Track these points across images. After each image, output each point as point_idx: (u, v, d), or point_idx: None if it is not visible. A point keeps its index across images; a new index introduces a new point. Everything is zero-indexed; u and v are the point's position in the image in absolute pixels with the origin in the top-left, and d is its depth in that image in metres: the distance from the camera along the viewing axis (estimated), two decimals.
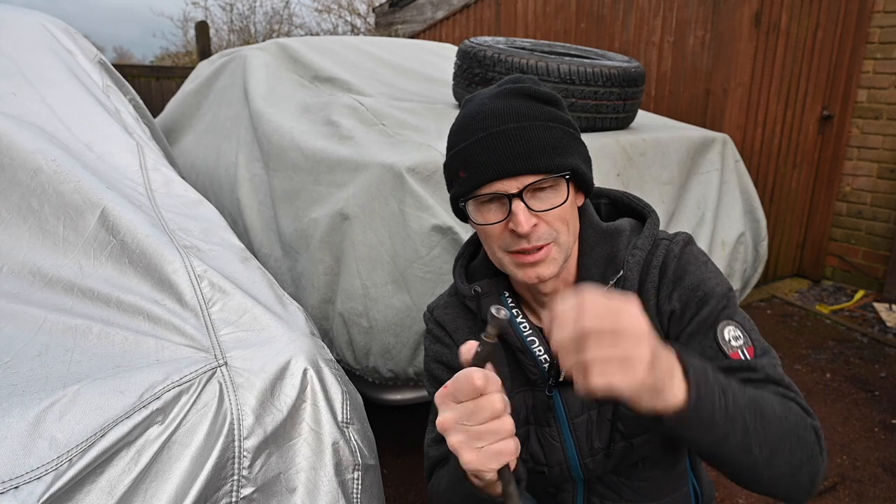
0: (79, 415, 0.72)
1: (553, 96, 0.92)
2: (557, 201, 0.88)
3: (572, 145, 0.90)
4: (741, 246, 2.17)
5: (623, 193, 1.09)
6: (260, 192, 2.05)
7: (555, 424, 1.02)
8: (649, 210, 1.03)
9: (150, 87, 5.48)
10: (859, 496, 2.05)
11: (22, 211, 1.09)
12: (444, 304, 1.08)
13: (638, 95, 2.04)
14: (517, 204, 0.86)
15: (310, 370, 0.90)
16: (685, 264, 0.94)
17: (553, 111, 0.90)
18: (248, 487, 0.83)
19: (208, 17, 12.65)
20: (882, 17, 3.62)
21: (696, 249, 0.98)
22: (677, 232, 1.01)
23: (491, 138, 0.86)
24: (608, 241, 0.98)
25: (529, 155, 0.85)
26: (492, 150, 0.86)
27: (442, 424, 0.67)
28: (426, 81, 2.63)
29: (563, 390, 1.00)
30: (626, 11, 3.89)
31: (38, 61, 1.47)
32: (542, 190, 0.88)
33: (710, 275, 0.94)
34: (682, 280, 0.93)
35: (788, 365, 2.95)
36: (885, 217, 3.73)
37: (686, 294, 0.92)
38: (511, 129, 0.86)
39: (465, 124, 0.90)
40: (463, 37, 5.77)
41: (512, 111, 0.87)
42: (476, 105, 0.91)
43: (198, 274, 0.97)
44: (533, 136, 0.86)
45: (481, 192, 0.88)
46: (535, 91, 0.90)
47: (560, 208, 0.88)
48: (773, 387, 0.85)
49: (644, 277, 0.96)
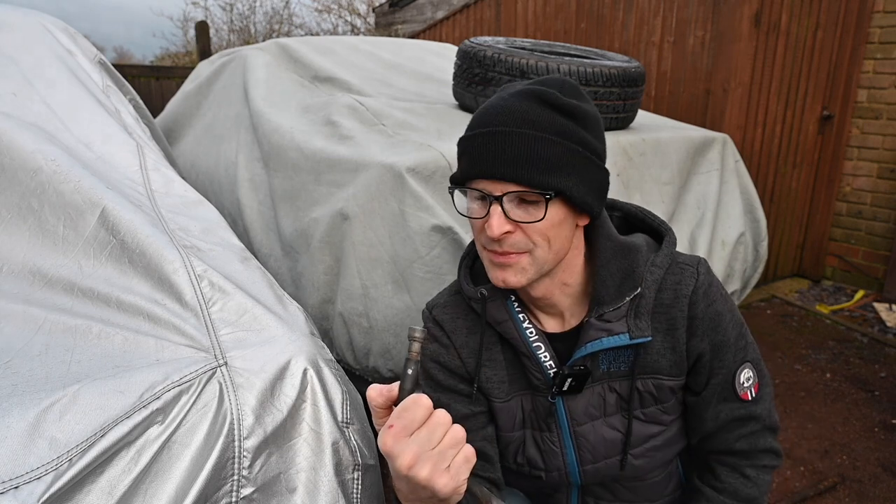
0: (79, 415, 0.72)
1: (578, 110, 0.86)
2: (535, 217, 0.86)
3: (574, 165, 0.86)
4: (741, 246, 2.17)
5: (637, 208, 1.09)
6: (260, 192, 2.05)
7: (556, 430, 1.02)
8: (666, 227, 1.03)
9: (150, 87, 5.48)
10: (859, 496, 2.05)
11: (22, 210, 1.09)
12: (443, 304, 1.07)
13: (638, 95, 2.04)
14: (495, 208, 0.85)
15: (310, 370, 0.90)
16: (714, 303, 0.98)
17: (568, 125, 0.85)
18: (248, 487, 0.83)
19: (208, 17, 12.65)
20: (882, 17, 3.62)
21: (717, 281, 1.01)
22: (692, 256, 1.01)
23: (489, 136, 0.85)
24: (625, 255, 0.97)
25: (516, 163, 0.83)
26: (485, 149, 0.85)
27: (406, 464, 0.63)
28: (426, 81, 2.63)
29: (566, 397, 1.00)
30: (626, 11, 3.89)
31: (38, 61, 1.47)
32: (528, 202, 0.86)
33: (733, 316, 1.00)
34: (717, 325, 0.98)
35: (788, 365, 2.95)
36: (885, 217, 3.73)
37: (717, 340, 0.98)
38: (509, 133, 0.84)
39: (481, 114, 0.89)
40: (463, 37, 5.77)
41: (520, 115, 0.85)
42: (499, 98, 0.89)
43: (198, 274, 0.97)
44: (528, 145, 0.83)
45: (469, 185, 0.89)
46: (557, 99, 0.85)
47: (540, 224, 0.86)
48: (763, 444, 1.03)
49: (662, 298, 0.96)
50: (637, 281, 0.95)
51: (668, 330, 0.97)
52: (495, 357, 1.03)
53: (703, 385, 1.01)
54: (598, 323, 0.95)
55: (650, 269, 0.96)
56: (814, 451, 2.29)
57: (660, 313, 0.97)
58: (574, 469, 1.03)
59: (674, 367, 0.98)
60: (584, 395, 1.00)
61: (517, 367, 1.03)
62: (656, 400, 1.00)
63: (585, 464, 1.03)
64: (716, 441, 1.05)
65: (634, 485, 1.08)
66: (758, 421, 1.03)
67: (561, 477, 1.04)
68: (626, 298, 0.95)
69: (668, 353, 0.98)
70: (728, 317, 0.99)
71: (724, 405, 1.02)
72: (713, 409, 1.02)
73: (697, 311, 0.96)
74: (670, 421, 1.04)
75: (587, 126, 0.88)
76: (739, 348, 1.00)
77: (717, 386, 1.00)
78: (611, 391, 1.00)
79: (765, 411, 1.03)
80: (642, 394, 0.99)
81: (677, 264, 0.98)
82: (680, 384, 1.01)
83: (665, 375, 0.99)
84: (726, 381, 1.00)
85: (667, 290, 0.96)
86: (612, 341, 0.94)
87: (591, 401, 1.00)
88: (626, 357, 0.98)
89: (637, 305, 0.95)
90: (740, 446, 1.03)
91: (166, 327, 0.90)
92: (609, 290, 0.95)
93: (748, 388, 1.01)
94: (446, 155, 1.62)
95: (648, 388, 0.99)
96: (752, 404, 1.02)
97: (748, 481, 1.03)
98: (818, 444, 2.33)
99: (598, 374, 0.99)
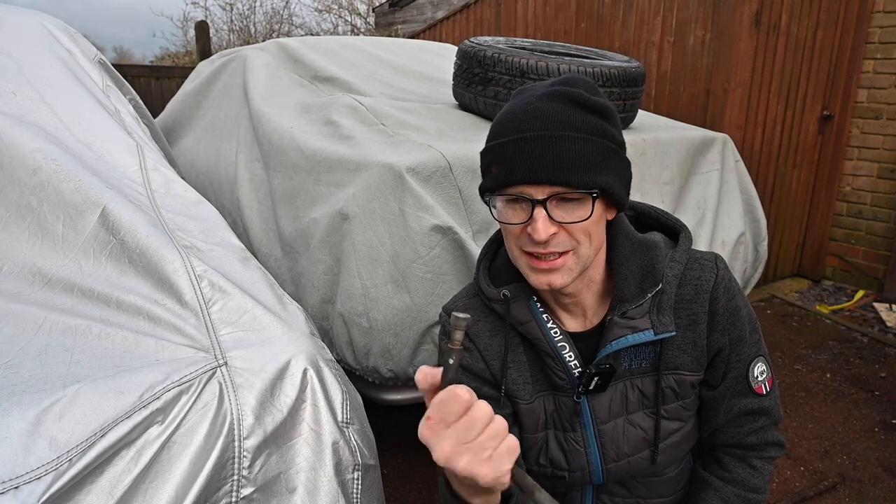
0: (79, 415, 0.72)
1: (603, 107, 0.88)
2: (581, 216, 0.86)
3: (610, 162, 0.87)
4: (741, 246, 2.17)
5: (650, 207, 1.09)
6: (260, 192, 2.05)
7: (580, 430, 1.02)
8: (681, 224, 1.03)
9: (150, 87, 5.48)
10: (859, 496, 2.05)
11: (21, 210, 1.09)
12: (463, 307, 1.05)
13: (638, 95, 2.04)
14: (539, 211, 0.85)
15: (310, 370, 0.90)
16: (734, 297, 0.99)
17: (599, 123, 0.86)
18: (248, 487, 0.83)
19: (208, 17, 12.64)
20: (882, 17, 3.62)
21: (733, 276, 1.02)
22: (709, 252, 1.02)
23: (526, 142, 0.84)
24: (645, 252, 0.97)
25: (560, 166, 0.83)
26: (525, 154, 0.84)
27: (444, 455, 0.63)
28: (426, 81, 2.63)
29: (590, 396, 1.00)
30: (626, 11, 3.89)
31: (38, 61, 1.47)
32: (569, 201, 0.86)
33: (748, 311, 1.02)
34: (736, 319, 0.99)
35: (788, 365, 2.95)
36: (885, 217, 3.73)
37: (735, 334, 1.00)
38: (548, 136, 0.84)
39: (508, 119, 0.88)
40: (463, 37, 5.77)
41: (554, 117, 0.84)
42: (523, 102, 0.88)
43: (198, 274, 0.97)
44: (569, 147, 0.83)
45: (508, 191, 0.87)
46: (586, 99, 0.86)
47: (584, 222, 0.87)
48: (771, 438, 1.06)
49: (683, 293, 0.97)
50: (658, 277, 0.95)
51: (689, 325, 0.98)
52: (519, 358, 1.02)
53: (719, 379, 1.02)
54: (621, 321, 0.95)
55: (670, 265, 0.97)
56: (814, 451, 2.29)
57: (681, 309, 0.97)
58: (598, 468, 1.03)
59: (695, 363, 1.00)
60: (606, 393, 1.00)
61: (539, 368, 1.02)
62: (678, 396, 1.01)
63: (609, 462, 1.03)
64: (726, 434, 1.06)
65: (650, 480, 1.08)
66: (768, 416, 1.05)
67: (584, 476, 1.04)
68: (648, 295, 0.95)
69: (689, 349, 0.99)
70: (744, 311, 1.00)
71: (739, 399, 1.03)
72: (727, 402, 1.03)
73: (718, 307, 0.97)
74: (689, 417, 1.05)
75: (612, 121, 0.89)
76: (754, 342, 1.02)
77: (734, 380, 1.02)
78: (633, 388, 1.00)
79: (774, 405, 1.06)
80: (664, 390, 1.00)
81: (695, 260, 0.99)
82: (700, 379, 1.02)
83: (687, 371, 1.00)
84: (741, 375, 1.02)
85: (687, 286, 0.97)
86: (637, 338, 0.94)
87: (614, 398, 1.01)
88: (647, 354, 0.99)
89: (659, 301, 0.95)
90: (750, 440, 1.05)
91: (166, 327, 0.90)
92: (630, 288, 0.95)
93: (762, 381, 1.03)
94: (446, 155, 1.62)
95: (670, 383, 1.00)
96: (766, 398, 1.04)
97: (755, 471, 1.05)
98: (818, 444, 2.33)
99: (621, 371, 0.99)
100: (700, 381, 1.03)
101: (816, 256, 4.07)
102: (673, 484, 1.11)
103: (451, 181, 1.61)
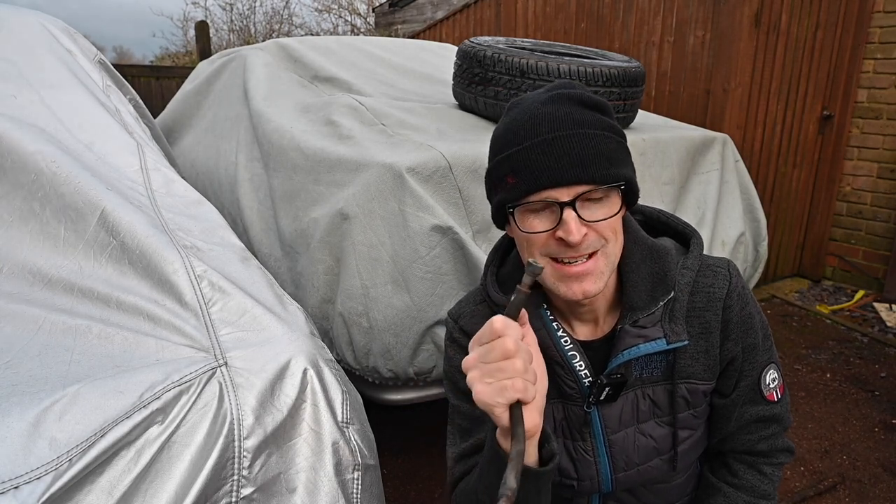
0: (79, 415, 0.72)
1: (603, 104, 0.88)
2: (610, 212, 0.85)
3: (624, 155, 0.88)
4: (741, 246, 2.17)
5: (659, 211, 1.07)
6: (260, 192, 2.05)
7: (590, 439, 1.00)
8: (691, 230, 1.02)
9: (150, 87, 5.48)
10: (859, 496, 2.05)
11: (24, 214, 1.09)
12: (470, 313, 1.04)
13: (638, 95, 2.04)
14: (569, 213, 0.83)
15: (310, 370, 0.90)
16: (747, 305, 0.98)
17: (605, 119, 0.87)
18: (248, 487, 0.83)
19: (208, 17, 12.65)
20: (882, 17, 3.62)
21: (745, 283, 1.01)
22: (721, 258, 1.00)
23: (545, 144, 0.83)
24: (656, 258, 0.95)
25: (585, 163, 0.82)
26: (546, 157, 0.82)
27: (466, 363, 0.73)
28: (426, 81, 2.63)
29: (601, 406, 0.98)
30: (626, 11, 3.89)
31: (38, 62, 1.47)
32: (593, 200, 0.85)
33: (761, 318, 1.01)
34: (749, 327, 0.98)
35: (788, 365, 2.95)
36: (885, 217, 3.73)
37: (748, 342, 0.99)
38: (566, 135, 0.83)
39: (515, 128, 0.86)
40: (463, 37, 5.77)
41: (567, 117, 0.84)
42: (526, 109, 0.87)
43: (198, 274, 0.97)
44: (589, 144, 0.83)
45: (531, 198, 0.85)
46: (588, 98, 0.87)
47: (612, 218, 0.86)
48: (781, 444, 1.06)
49: (695, 301, 0.95)
50: (670, 285, 0.93)
51: (702, 334, 0.96)
52: None
53: (731, 388, 1.01)
54: (633, 329, 0.93)
55: (681, 272, 0.95)
56: (814, 451, 2.29)
57: (693, 317, 0.95)
58: (607, 477, 1.01)
59: (707, 372, 0.98)
60: (617, 402, 0.98)
61: (548, 376, 1.02)
62: (689, 405, 0.99)
63: (619, 471, 1.01)
64: (736, 441, 1.05)
65: (658, 487, 1.07)
66: (779, 423, 1.04)
67: (593, 485, 1.02)
68: (660, 303, 0.93)
69: (701, 358, 0.97)
70: (757, 318, 0.99)
71: (751, 407, 1.02)
72: (739, 410, 1.02)
73: (732, 315, 0.95)
74: (699, 425, 1.03)
75: (613, 117, 0.90)
76: (766, 349, 1.01)
77: (746, 388, 1.00)
78: (644, 398, 0.98)
79: (785, 412, 1.05)
80: (676, 399, 0.98)
81: (708, 267, 0.97)
82: (711, 388, 1.00)
83: (699, 380, 0.98)
84: (754, 383, 1.00)
85: (699, 294, 0.95)
86: (649, 347, 0.92)
87: (625, 408, 0.99)
88: (658, 362, 0.97)
89: (671, 309, 0.93)
90: (761, 447, 1.04)
91: (166, 327, 0.90)
92: (641, 295, 0.94)
93: (774, 388, 1.02)
94: (446, 155, 1.61)
95: (683, 393, 0.98)
96: (777, 405, 1.03)
97: (765, 478, 1.04)
98: (818, 444, 2.33)
99: (632, 380, 0.97)
100: (712, 389, 1.01)
101: (816, 256, 4.07)
102: (680, 490, 1.10)
103: (451, 181, 1.61)
